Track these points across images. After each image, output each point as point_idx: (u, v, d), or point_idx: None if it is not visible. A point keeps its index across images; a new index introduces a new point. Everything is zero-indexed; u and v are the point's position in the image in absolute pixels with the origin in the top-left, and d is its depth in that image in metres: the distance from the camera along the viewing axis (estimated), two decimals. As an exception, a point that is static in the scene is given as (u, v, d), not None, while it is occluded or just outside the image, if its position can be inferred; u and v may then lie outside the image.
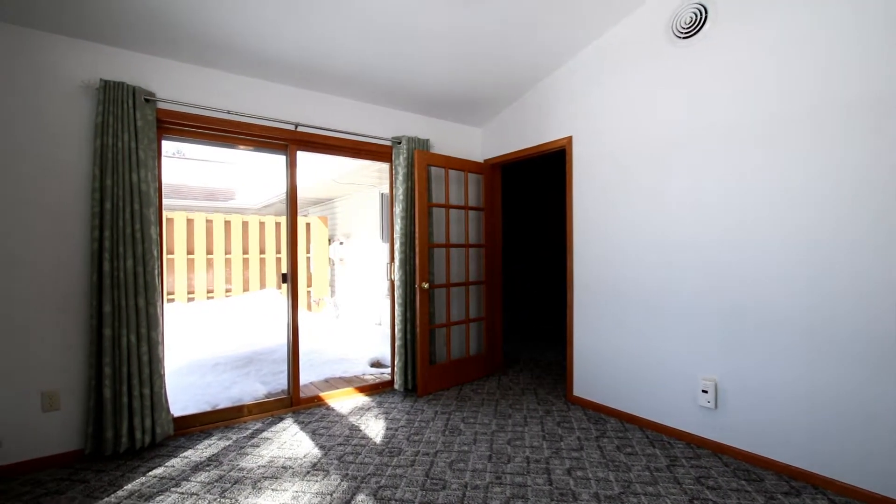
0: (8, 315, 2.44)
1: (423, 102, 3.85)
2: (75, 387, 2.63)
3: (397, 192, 3.75)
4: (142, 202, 2.63)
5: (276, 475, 2.43)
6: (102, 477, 2.42)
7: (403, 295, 3.72)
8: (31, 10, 2.36)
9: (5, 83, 2.42)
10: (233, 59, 2.96)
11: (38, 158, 2.51)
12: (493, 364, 4.35)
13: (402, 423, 3.16)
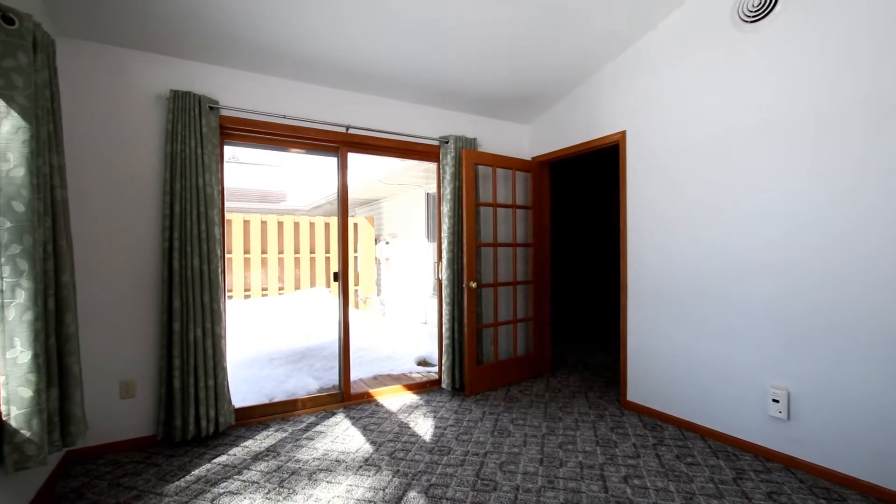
0: (94, 310, 2.65)
1: (471, 101, 3.84)
2: (148, 377, 2.82)
3: (444, 192, 3.76)
4: (207, 204, 2.79)
5: (330, 468, 2.49)
6: (172, 462, 2.58)
7: (451, 294, 3.72)
8: (113, 29, 2.56)
9: (90, 95, 2.64)
10: (287, 65, 3.07)
11: (117, 164, 2.72)
12: (540, 365, 4.27)
13: (451, 422, 3.16)
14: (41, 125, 1.82)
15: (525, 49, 3.16)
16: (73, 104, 2.58)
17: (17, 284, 1.72)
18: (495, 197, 3.90)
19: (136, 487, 2.31)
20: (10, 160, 1.70)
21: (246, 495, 2.22)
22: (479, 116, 4.12)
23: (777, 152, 2.51)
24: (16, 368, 1.73)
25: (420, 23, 2.79)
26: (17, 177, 1.70)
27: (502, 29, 2.92)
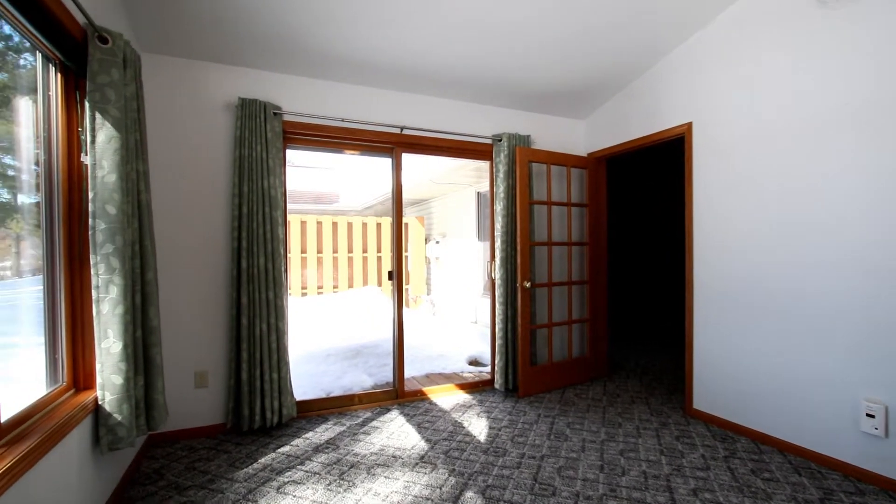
0: (172, 306, 2.86)
1: (524, 98, 3.77)
2: (219, 368, 3.00)
3: (497, 190, 3.72)
4: (271, 206, 2.92)
5: (387, 463, 2.54)
6: (241, 449, 2.73)
7: (504, 294, 3.67)
8: (188, 44, 2.75)
9: (169, 106, 2.84)
10: (344, 70, 3.16)
11: (192, 169, 2.91)
12: (597, 368, 4.13)
13: (505, 423, 3.12)
14: (130, 134, 1.98)
15: (580, 41, 3.06)
16: (154, 114, 2.79)
17: (111, 281, 1.87)
18: (550, 195, 3.81)
19: (210, 472, 2.46)
20: (104, 167, 1.85)
21: (309, 485, 2.30)
22: (532, 113, 4.04)
23: (871, 142, 2.27)
24: (109, 357, 1.89)
25: (472, 21, 2.77)
26: (110, 182, 1.86)
27: (556, 21, 2.84)
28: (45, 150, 1.87)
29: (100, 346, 1.89)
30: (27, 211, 1.84)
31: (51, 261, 1.89)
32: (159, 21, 2.54)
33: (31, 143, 1.82)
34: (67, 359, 1.94)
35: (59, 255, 1.90)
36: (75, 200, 1.96)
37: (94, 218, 1.84)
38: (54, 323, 1.91)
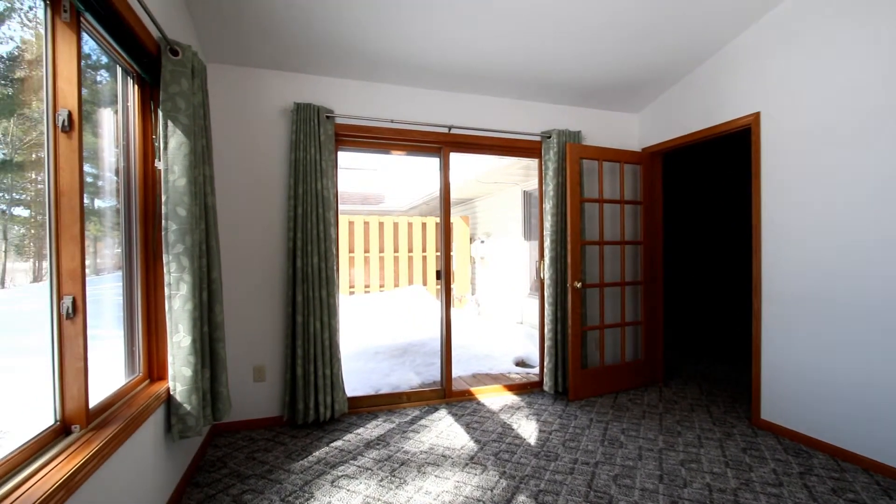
0: (233, 303, 3.01)
1: (574, 93, 3.66)
2: (275, 363, 3.13)
3: (547, 189, 3.64)
4: (324, 207, 3.01)
5: (437, 462, 2.54)
6: (296, 442, 2.83)
7: (554, 294, 3.59)
8: (248, 53, 2.88)
9: (229, 112, 2.99)
10: (393, 71, 3.20)
11: (252, 173, 3.05)
12: (651, 373, 3.95)
13: (556, 426, 3.04)
14: (197, 140, 2.10)
15: (635, 32, 2.93)
16: (216, 120, 2.95)
17: (181, 279, 1.99)
18: (602, 192, 3.68)
19: (268, 462, 2.56)
20: (175, 171, 1.97)
21: (361, 480, 2.35)
22: (582, 108, 3.92)
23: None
24: (179, 351, 2.01)
25: (520, 13, 2.72)
26: (181, 186, 1.98)
27: (609, 11, 2.74)
28: (124, 157, 2.02)
29: (171, 339, 2.01)
30: (108, 214, 1.99)
31: (129, 260, 2.04)
32: (222, 33, 2.68)
33: (111, 152, 1.97)
34: (143, 351, 2.09)
35: (136, 254, 2.05)
36: (150, 203, 2.10)
37: (166, 219, 1.97)
38: (132, 317, 2.05)
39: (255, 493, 2.23)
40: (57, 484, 1.13)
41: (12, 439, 1.92)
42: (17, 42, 2.00)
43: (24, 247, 2.46)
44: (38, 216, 2.62)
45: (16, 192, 2.71)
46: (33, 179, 2.71)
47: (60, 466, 1.23)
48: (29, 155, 2.39)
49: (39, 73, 2.28)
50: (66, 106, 1.42)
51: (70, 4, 1.42)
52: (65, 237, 1.44)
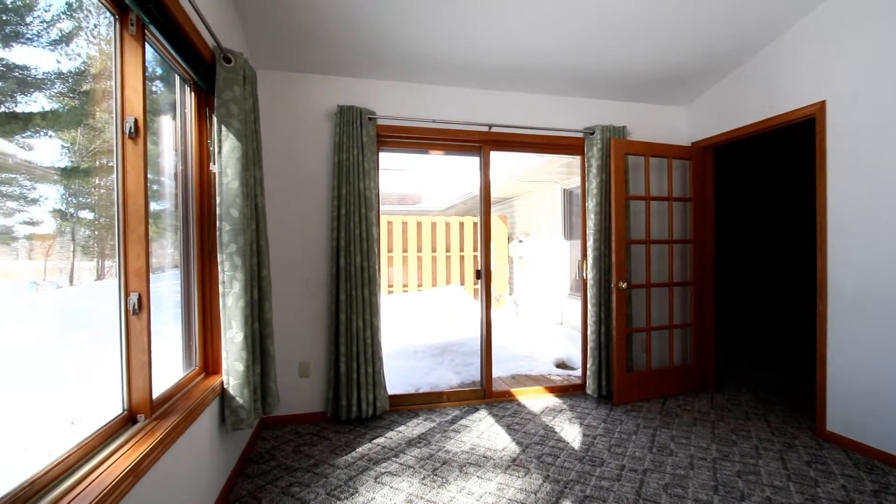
0: (280, 300, 3.11)
1: (619, 87, 3.54)
2: (320, 360, 3.21)
3: (590, 186, 3.54)
4: (367, 207, 3.06)
5: (478, 463, 2.52)
6: (340, 438, 2.89)
7: (597, 294, 3.49)
8: (294, 59, 2.97)
9: (274, 116, 3.09)
10: (433, 71, 3.20)
11: (298, 174, 3.14)
12: (702, 378, 3.76)
13: (600, 431, 2.95)
14: (248, 144, 2.18)
15: (683, 22, 2.80)
16: (264, 124, 3.05)
17: (234, 277, 2.07)
18: (648, 189, 3.54)
19: (314, 456, 2.63)
20: (228, 174, 2.06)
21: (404, 477, 2.37)
22: (627, 103, 3.79)
23: None
24: (232, 346, 2.09)
25: (562, 7, 2.65)
26: (234, 188, 2.06)
27: (657, 2, 2.62)
28: (181, 161, 2.12)
29: (224, 335, 2.10)
30: (165, 216, 2.10)
31: (186, 259, 2.15)
32: (270, 40, 2.77)
33: (169, 157, 2.07)
34: (199, 345, 2.19)
35: (192, 253, 2.15)
36: (205, 205, 2.20)
37: (220, 220, 2.05)
38: (189, 313, 2.16)
39: (302, 486, 2.29)
40: (126, 470, 1.20)
41: (84, 425, 2.06)
42: (83, 58, 2.15)
43: (89, 247, 2.65)
44: (101, 219, 2.82)
45: (82, 196, 2.92)
46: (97, 184, 2.92)
47: (129, 453, 1.30)
48: (93, 162, 2.58)
49: (102, 85, 2.44)
50: (133, 114, 1.50)
51: (136, 18, 1.50)
52: (131, 237, 1.53)
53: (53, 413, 2.34)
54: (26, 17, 2.28)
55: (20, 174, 2.65)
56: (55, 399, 2.43)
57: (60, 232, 2.57)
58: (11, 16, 2.28)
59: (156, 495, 1.44)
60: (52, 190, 2.43)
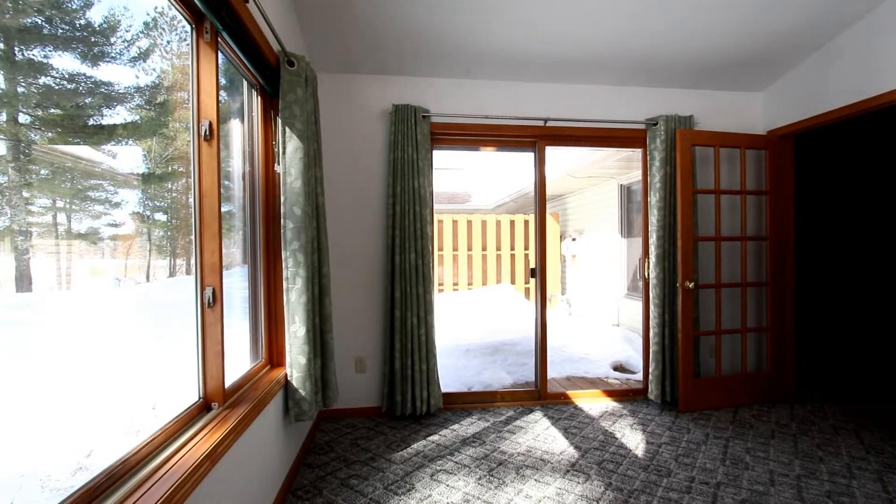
0: (338, 298, 3.19)
1: (684, 74, 3.33)
2: (375, 356, 3.26)
3: (652, 180, 3.36)
4: (421, 205, 3.07)
5: (536, 466, 2.46)
6: (395, 433, 2.92)
7: (661, 295, 3.30)
8: (349, 60, 3.03)
9: (331, 117, 3.17)
10: (489, 67, 3.16)
11: (355, 173, 3.21)
12: (780, 387, 3.46)
13: (665, 439, 2.79)
14: (310, 144, 2.25)
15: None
16: (323, 125, 3.14)
17: (297, 273, 2.14)
18: (718, 182, 3.30)
19: (370, 450, 2.68)
20: (292, 174, 2.13)
21: (460, 476, 2.35)
22: (694, 91, 3.55)
23: None
24: (295, 340, 2.17)
25: (631, -7, 2.52)
26: (297, 187, 2.13)
27: (737, -22, 2.43)
28: (248, 162, 2.22)
29: (288, 329, 2.17)
30: (233, 215, 2.21)
31: (253, 256, 2.25)
32: (329, 43, 2.84)
33: (237, 159, 2.18)
34: (265, 338, 2.29)
35: (259, 250, 2.25)
36: (270, 204, 2.30)
37: (284, 218, 2.13)
38: (255, 307, 2.26)
39: (360, 479, 2.34)
40: (204, 454, 1.27)
41: (163, 410, 2.20)
42: (158, 72, 2.32)
43: (163, 247, 2.86)
44: (173, 220, 3.02)
45: (157, 200, 3.15)
46: (169, 189, 3.13)
47: (206, 439, 1.37)
48: (166, 168, 2.77)
49: (174, 97, 2.61)
50: (208, 117, 1.58)
51: (210, 26, 1.58)
52: (206, 234, 1.61)
53: (138, 398, 2.52)
54: (111, 37, 2.48)
55: (105, 180, 2.88)
56: (139, 385, 2.62)
57: (139, 233, 2.78)
58: (99, 37, 2.49)
59: (229, 480, 1.51)
60: (131, 194, 2.63)
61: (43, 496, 1.71)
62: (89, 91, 2.35)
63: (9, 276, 2.50)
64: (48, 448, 2.08)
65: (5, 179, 2.57)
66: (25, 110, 2.37)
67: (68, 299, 2.64)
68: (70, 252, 2.68)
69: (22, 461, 1.88)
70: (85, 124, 2.58)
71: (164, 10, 2.28)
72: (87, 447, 1.95)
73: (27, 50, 2.36)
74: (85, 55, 2.40)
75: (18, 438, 1.97)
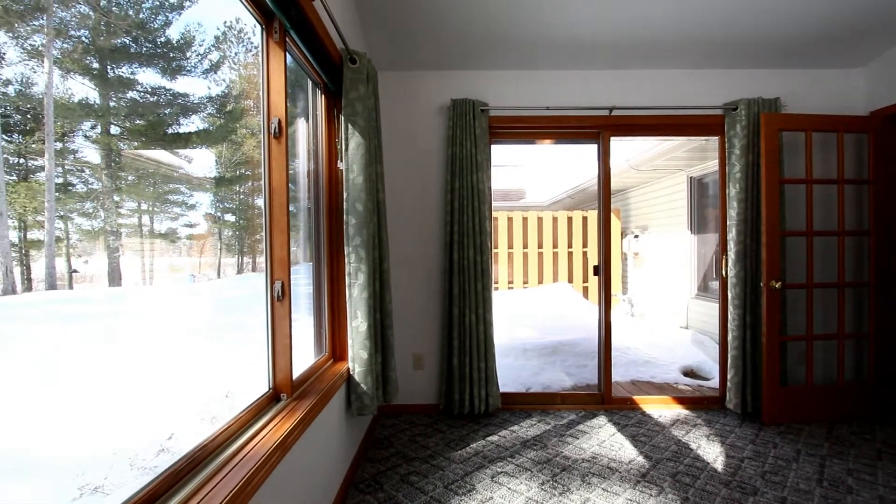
0: (396, 294, 3.21)
1: (770, 52, 3.02)
2: (432, 353, 3.25)
3: (731, 170, 3.08)
4: (479, 200, 3.01)
5: (602, 474, 2.33)
6: (453, 432, 2.89)
7: (741, 295, 3.02)
8: (407, 56, 3.03)
9: (389, 113, 3.19)
10: (550, 55, 3.04)
11: (413, 169, 3.21)
12: (886, 402, 3.05)
13: (748, 453, 2.55)
14: (371, 141, 2.26)
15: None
16: (382, 121, 3.17)
17: (359, 269, 2.16)
18: (809, 171, 2.97)
19: (429, 447, 2.66)
20: (354, 170, 2.15)
21: (522, 480, 2.27)
22: (780, 70, 3.22)
23: None
24: (358, 335, 2.19)
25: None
26: (358, 183, 2.15)
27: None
28: (313, 160, 2.27)
29: (350, 324, 2.20)
30: (302, 212, 2.27)
31: (317, 252, 2.30)
32: (387, 39, 2.86)
33: (303, 157, 2.23)
34: (328, 333, 2.33)
35: (322, 247, 2.29)
36: (333, 201, 2.34)
37: (346, 214, 2.15)
38: (319, 302, 2.31)
39: (420, 476, 2.32)
40: (275, 444, 1.29)
41: (235, 399, 2.30)
42: (226, 83, 2.44)
43: (231, 245, 3.02)
44: (240, 221, 3.18)
45: (226, 202, 3.33)
46: (237, 191, 3.31)
47: (276, 428, 1.40)
48: (235, 172, 2.92)
49: (241, 105, 2.73)
50: (277, 114, 1.62)
51: (279, 25, 1.61)
52: (275, 230, 1.65)
53: (212, 385, 2.66)
54: (186, 52, 2.64)
55: (182, 184, 3.09)
56: (212, 373, 2.76)
57: (211, 232, 2.95)
58: (177, 53, 2.66)
59: (297, 470, 1.54)
60: (204, 197, 2.80)
61: (132, 474, 1.84)
62: (168, 102, 2.52)
63: (102, 271, 2.72)
64: (135, 429, 2.23)
65: (100, 185, 2.80)
66: (115, 122, 2.57)
67: (151, 294, 2.83)
68: (153, 250, 2.89)
69: (113, 440, 2.03)
70: (165, 133, 2.77)
71: (232, 23, 2.40)
72: (168, 430, 2.08)
73: (117, 68, 2.56)
74: (165, 70, 2.58)
75: (111, 419, 2.13)
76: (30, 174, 2.47)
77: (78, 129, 2.53)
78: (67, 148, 2.66)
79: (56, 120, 2.53)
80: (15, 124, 2.45)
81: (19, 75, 2.05)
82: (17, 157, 2.61)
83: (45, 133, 2.49)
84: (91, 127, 2.51)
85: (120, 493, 1.72)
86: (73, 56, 2.43)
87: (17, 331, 2.31)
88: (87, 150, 2.44)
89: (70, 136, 2.66)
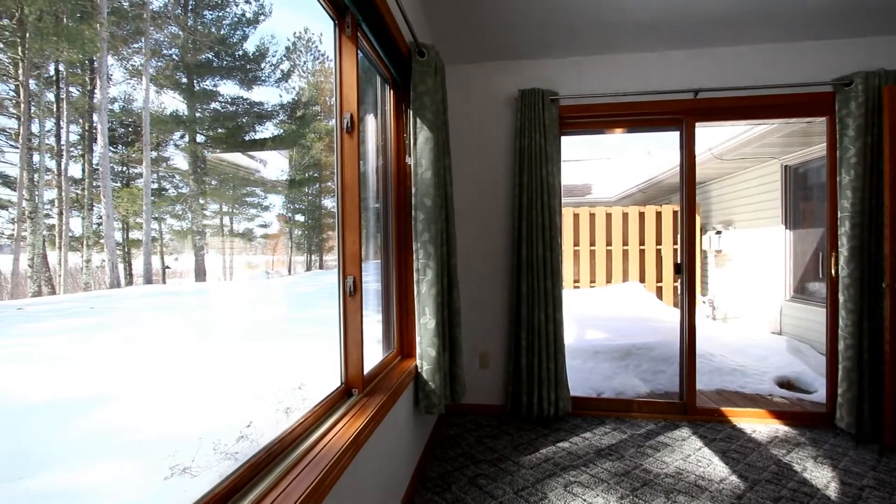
0: (463, 291, 3.15)
1: (890, 15, 2.59)
2: (499, 352, 3.16)
3: (844, 154, 2.69)
4: (549, 194, 2.88)
5: (690, 492, 2.11)
6: (522, 435, 2.78)
7: (857, 298, 2.63)
8: (473, 48, 2.96)
9: (456, 106, 3.13)
10: (623, 37, 2.82)
11: (481, 163, 3.14)
12: None
13: (868, 481, 2.20)
14: (439, 134, 2.21)
15: None
16: (451, 114, 3.12)
17: (427, 265, 2.13)
18: (948, 153, 2.51)
19: (497, 450, 2.58)
20: (422, 165, 2.11)
21: (598, 492, 2.12)
22: (906, 37, 2.76)
23: None
24: (426, 332, 2.15)
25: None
26: (427, 178, 2.11)
27: None
28: (382, 156, 2.27)
29: (418, 321, 2.17)
30: (370, 209, 2.27)
31: (385, 248, 2.30)
32: (453, 31, 2.80)
33: (372, 153, 2.23)
34: (396, 330, 2.32)
35: (391, 243, 2.29)
36: (401, 196, 2.32)
37: (415, 209, 2.12)
38: (388, 299, 2.30)
39: (488, 479, 2.25)
40: (349, 440, 1.27)
41: (307, 391, 2.35)
42: (296, 90, 2.50)
43: (301, 244, 3.14)
44: (309, 221, 3.27)
45: (297, 203, 3.42)
46: (306, 192, 3.41)
47: (349, 424, 1.39)
48: (304, 174, 3.01)
49: (310, 111, 2.79)
50: (349, 109, 1.62)
51: (351, 20, 1.61)
52: (347, 225, 1.65)
53: (286, 377, 2.75)
54: (261, 63, 2.73)
55: (257, 186, 3.22)
56: (286, 365, 2.86)
57: (282, 232, 3.04)
58: (253, 65, 2.77)
59: (369, 468, 1.53)
60: (277, 198, 2.91)
61: (215, 458, 1.92)
62: (245, 111, 2.64)
63: (190, 268, 2.89)
64: (218, 414, 2.35)
65: (188, 189, 3.00)
66: (201, 131, 2.74)
67: (232, 288, 2.98)
68: (232, 249, 3.03)
69: (199, 424, 2.14)
70: (242, 140, 2.91)
71: (301, 33, 2.47)
72: (247, 418, 2.17)
73: (202, 81, 2.72)
74: (243, 81, 2.71)
75: (197, 403, 2.25)
76: (130, 181, 2.73)
77: (169, 139, 2.74)
78: (161, 156, 2.86)
79: (151, 131, 2.71)
80: (119, 137, 2.72)
81: (123, 93, 2.21)
82: (121, 165, 2.91)
83: (143, 143, 2.75)
84: (180, 136, 2.69)
85: (206, 475, 1.81)
86: (165, 73, 2.65)
87: (122, 321, 2.53)
88: (177, 158, 2.59)
89: (163, 146, 2.90)
